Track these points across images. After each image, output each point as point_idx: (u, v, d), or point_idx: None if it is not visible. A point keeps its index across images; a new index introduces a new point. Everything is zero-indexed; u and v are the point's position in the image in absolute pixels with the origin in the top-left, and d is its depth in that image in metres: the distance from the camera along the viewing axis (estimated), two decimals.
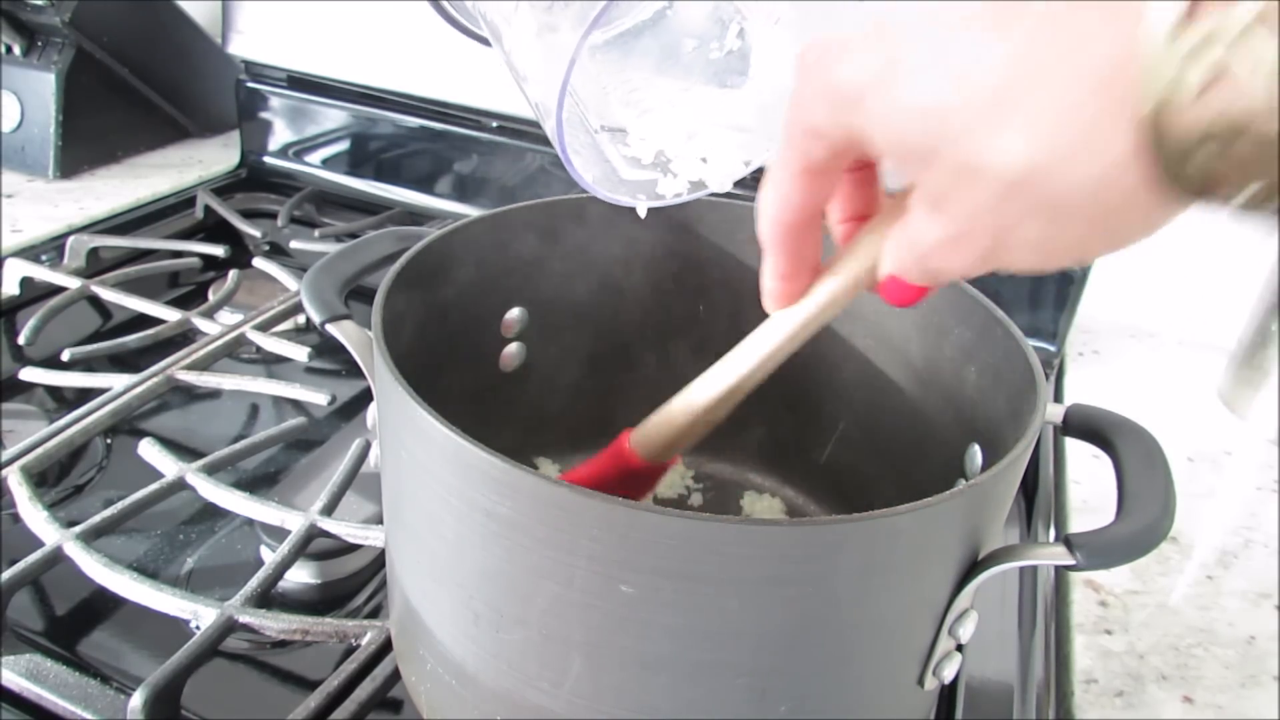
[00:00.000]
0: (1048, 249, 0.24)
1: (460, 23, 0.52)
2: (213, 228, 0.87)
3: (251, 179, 0.95)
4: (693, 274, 0.50)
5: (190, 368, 0.61)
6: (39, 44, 0.87)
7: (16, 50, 0.87)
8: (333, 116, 0.91)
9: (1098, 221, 0.23)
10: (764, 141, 0.45)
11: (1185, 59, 0.19)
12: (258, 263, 0.76)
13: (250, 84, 0.92)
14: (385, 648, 0.43)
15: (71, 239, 0.76)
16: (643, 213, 0.45)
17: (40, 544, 0.46)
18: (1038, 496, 0.60)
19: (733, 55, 0.48)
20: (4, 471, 0.51)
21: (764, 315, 0.50)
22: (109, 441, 0.59)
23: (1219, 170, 0.20)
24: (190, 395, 0.64)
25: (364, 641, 0.44)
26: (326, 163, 0.93)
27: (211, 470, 0.52)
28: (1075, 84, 0.21)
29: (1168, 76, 0.20)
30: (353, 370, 0.59)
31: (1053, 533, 0.56)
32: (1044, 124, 0.22)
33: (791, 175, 0.29)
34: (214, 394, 0.64)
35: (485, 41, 0.52)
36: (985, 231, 0.25)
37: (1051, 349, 0.72)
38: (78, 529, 0.47)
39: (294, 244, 0.81)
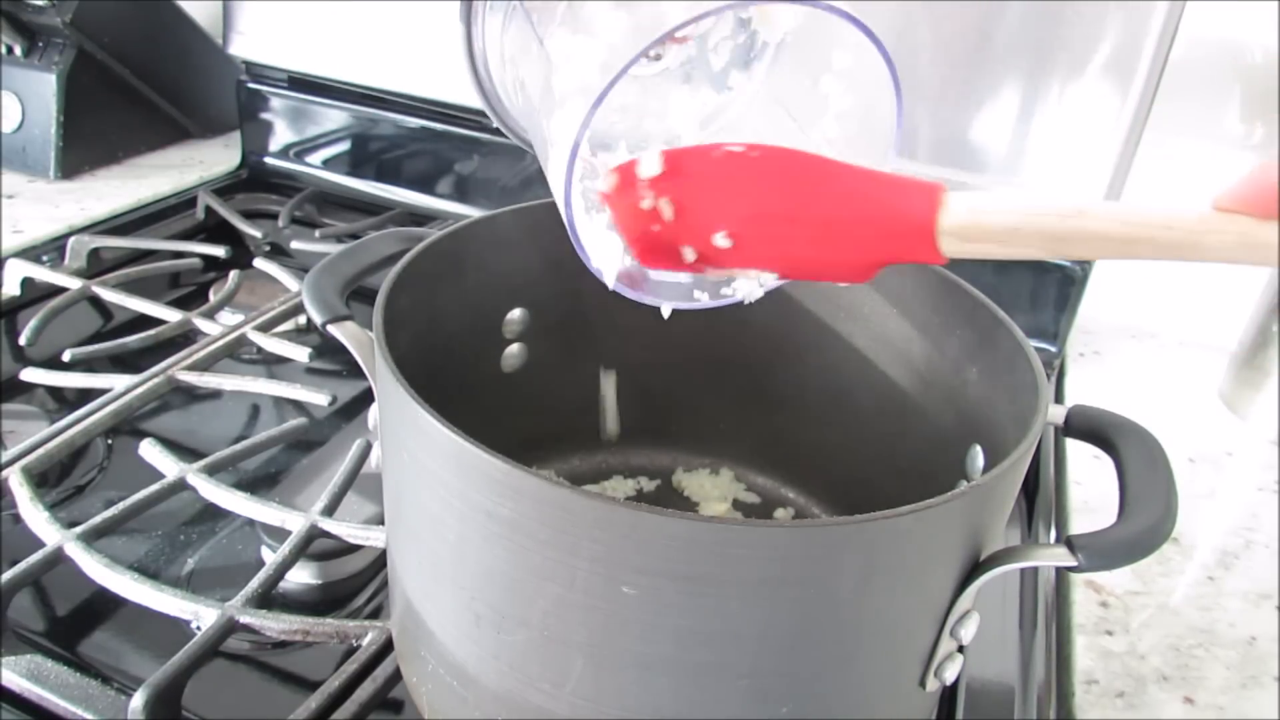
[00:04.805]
0: None
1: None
2: (214, 228, 0.87)
3: (252, 179, 0.95)
4: None
5: (191, 368, 0.61)
6: (40, 45, 0.87)
7: (17, 51, 0.87)
8: (333, 117, 0.91)
9: None
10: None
11: None
12: (259, 263, 0.76)
13: (251, 84, 0.92)
14: (386, 648, 0.43)
15: (72, 240, 0.76)
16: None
17: (41, 544, 0.46)
18: (1039, 497, 0.60)
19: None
20: (5, 472, 0.51)
21: (764, 315, 0.50)
22: (110, 442, 0.59)
23: None
24: (191, 396, 0.64)
25: (365, 642, 0.44)
26: (327, 163, 0.93)
27: (212, 471, 0.52)
28: None
29: None
30: (354, 371, 0.60)
31: (1054, 534, 0.56)
32: None
33: None
34: (215, 394, 0.64)
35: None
36: None
37: (1052, 350, 0.72)
38: (78, 529, 0.47)
39: (295, 244, 0.81)
